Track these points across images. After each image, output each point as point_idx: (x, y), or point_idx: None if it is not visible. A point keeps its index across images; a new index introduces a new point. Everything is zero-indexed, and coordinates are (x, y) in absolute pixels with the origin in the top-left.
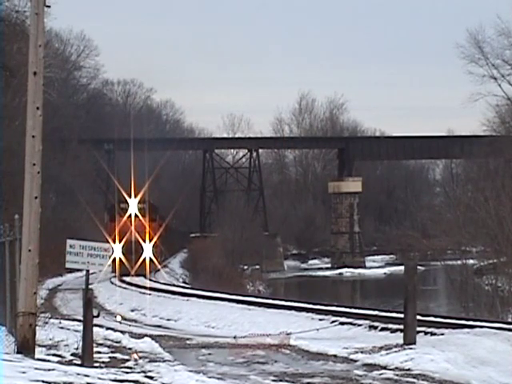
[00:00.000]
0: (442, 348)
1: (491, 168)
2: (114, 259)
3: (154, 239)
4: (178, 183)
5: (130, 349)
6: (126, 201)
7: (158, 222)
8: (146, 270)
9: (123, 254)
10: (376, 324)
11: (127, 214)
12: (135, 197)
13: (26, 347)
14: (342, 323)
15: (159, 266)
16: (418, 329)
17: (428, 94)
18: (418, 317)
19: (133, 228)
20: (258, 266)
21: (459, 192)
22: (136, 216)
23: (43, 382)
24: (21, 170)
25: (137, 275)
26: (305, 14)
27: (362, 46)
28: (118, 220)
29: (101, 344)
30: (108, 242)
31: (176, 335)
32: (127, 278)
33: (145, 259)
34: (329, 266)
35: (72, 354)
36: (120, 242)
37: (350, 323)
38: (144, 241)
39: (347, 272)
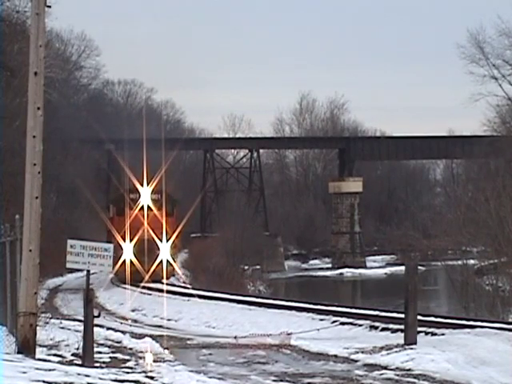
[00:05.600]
0: (442, 348)
1: (492, 168)
2: (124, 262)
3: (173, 237)
4: (178, 183)
5: (130, 349)
6: (137, 190)
7: (176, 216)
8: (163, 274)
9: (134, 255)
10: (377, 324)
11: (138, 207)
12: (148, 185)
13: (26, 347)
14: (342, 323)
15: (178, 269)
16: (419, 329)
17: (428, 94)
18: (419, 317)
19: (145, 224)
20: (258, 266)
21: (460, 192)
22: (149, 209)
23: (44, 382)
24: (21, 170)
25: (152, 281)
26: (305, 13)
27: (362, 46)
28: (127, 214)
29: (101, 344)
30: (112, 240)
31: (177, 335)
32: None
33: (161, 261)
34: (329, 266)
35: (73, 354)
36: (131, 240)
37: (351, 323)
38: (160, 239)
39: (348, 272)
